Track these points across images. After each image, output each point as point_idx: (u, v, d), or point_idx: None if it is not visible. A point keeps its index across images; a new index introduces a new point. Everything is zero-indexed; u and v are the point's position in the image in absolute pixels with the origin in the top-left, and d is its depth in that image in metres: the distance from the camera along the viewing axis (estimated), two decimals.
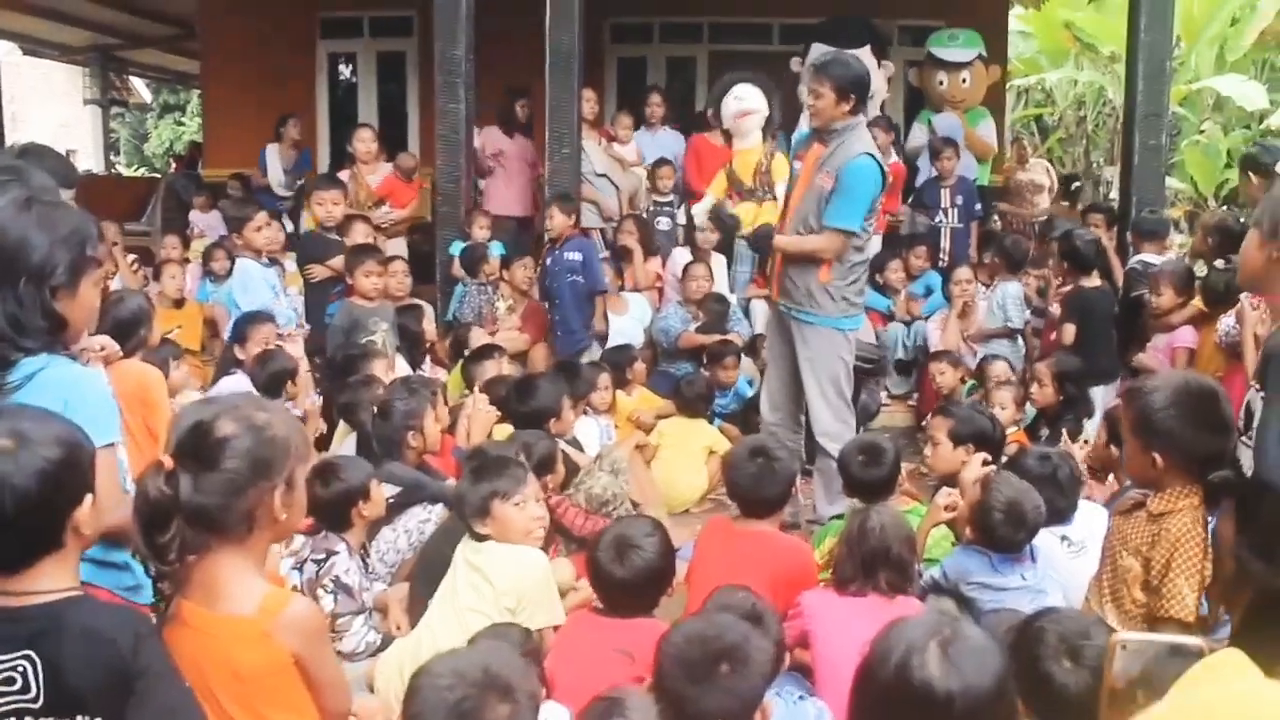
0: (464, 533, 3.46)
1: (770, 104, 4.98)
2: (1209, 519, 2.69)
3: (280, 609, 2.12)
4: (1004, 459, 4.22)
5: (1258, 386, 2.56)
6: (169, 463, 2.07)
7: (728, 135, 5.10)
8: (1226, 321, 5.22)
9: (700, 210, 5.56)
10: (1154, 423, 2.64)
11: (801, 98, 6.60)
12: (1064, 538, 3.78)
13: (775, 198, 5.02)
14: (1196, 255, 6.71)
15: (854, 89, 4.99)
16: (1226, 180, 13.75)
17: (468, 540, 3.44)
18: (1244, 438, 2.67)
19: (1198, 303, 5.78)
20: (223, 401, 2.27)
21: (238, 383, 5.37)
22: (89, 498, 2.01)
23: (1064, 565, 3.68)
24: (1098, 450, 4.35)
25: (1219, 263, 5.86)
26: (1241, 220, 6.04)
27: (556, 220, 7.19)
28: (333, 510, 3.83)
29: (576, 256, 7.16)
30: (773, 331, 5.49)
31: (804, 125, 5.66)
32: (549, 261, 7.29)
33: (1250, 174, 5.89)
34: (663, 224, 8.45)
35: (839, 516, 4.38)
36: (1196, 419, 2.63)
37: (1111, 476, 4.36)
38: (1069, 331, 6.13)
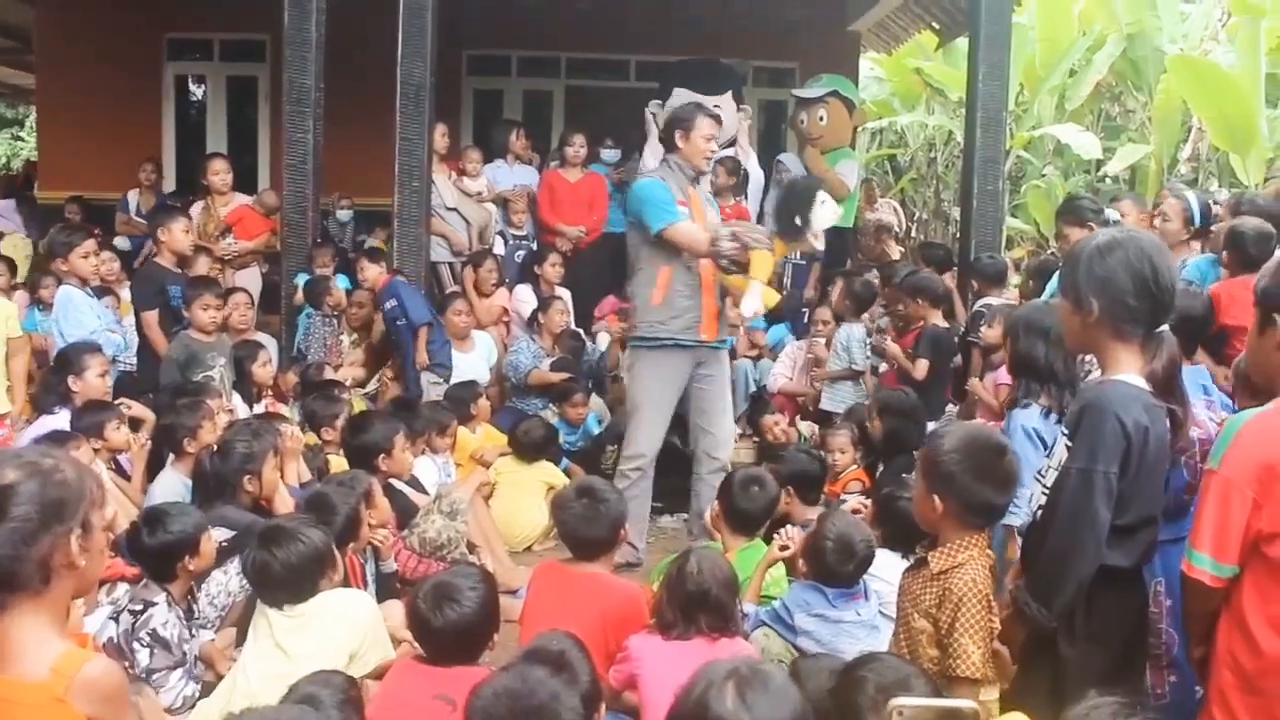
0: None
1: None
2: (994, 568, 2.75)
3: (75, 671, 2.00)
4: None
5: (1066, 433, 2.61)
6: None
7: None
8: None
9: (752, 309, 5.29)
10: (936, 467, 2.70)
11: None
12: (905, 555, 3.80)
13: None
14: (1024, 297, 6.88)
15: None
16: None
17: None
18: (1038, 473, 2.72)
19: None
20: (3, 452, 2.17)
21: (58, 422, 5.12)
22: None
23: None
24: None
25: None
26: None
27: (369, 273, 7.08)
28: (157, 561, 3.72)
29: (392, 303, 6.90)
30: (673, 378, 5.36)
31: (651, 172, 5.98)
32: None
33: (1067, 226, 5.73)
34: (521, 258, 8.45)
35: None
36: (978, 469, 2.67)
37: None
38: (922, 367, 6.14)
